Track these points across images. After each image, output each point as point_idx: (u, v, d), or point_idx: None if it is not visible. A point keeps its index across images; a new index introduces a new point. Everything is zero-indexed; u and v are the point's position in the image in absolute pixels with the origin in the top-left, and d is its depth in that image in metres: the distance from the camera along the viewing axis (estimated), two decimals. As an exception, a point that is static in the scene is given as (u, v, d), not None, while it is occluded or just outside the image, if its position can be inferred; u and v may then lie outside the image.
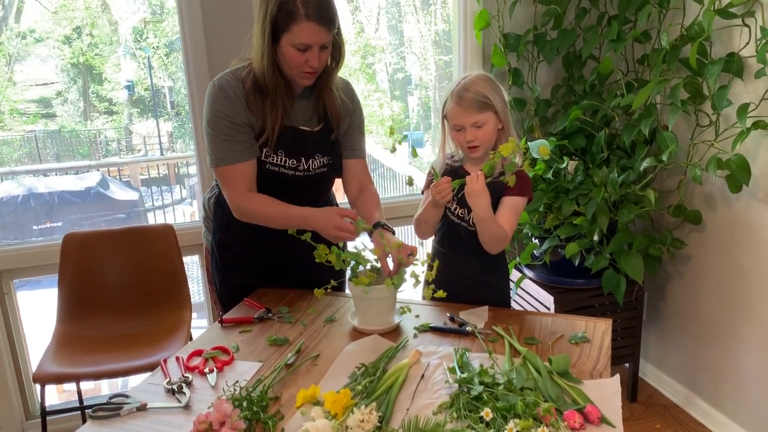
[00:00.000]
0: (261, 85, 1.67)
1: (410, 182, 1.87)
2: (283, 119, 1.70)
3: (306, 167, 1.76)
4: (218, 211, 1.88)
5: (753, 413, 2.31)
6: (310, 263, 1.66)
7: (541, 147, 1.56)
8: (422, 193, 1.87)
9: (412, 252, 1.61)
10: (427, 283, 1.76)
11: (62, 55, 12.42)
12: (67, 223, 7.38)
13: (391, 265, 1.61)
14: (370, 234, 1.70)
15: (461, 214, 1.76)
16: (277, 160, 1.73)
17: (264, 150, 1.71)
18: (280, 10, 1.56)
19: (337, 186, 2.00)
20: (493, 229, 1.67)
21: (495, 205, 1.71)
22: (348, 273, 1.65)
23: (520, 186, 1.69)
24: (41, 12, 12.11)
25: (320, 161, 1.79)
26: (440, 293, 1.55)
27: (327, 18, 1.59)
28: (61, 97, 13.30)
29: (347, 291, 1.71)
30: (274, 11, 1.56)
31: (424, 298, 1.68)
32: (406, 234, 6.69)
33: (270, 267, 1.90)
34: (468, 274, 1.80)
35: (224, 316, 1.71)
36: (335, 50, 1.71)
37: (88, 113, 13.08)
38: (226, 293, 1.94)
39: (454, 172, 1.77)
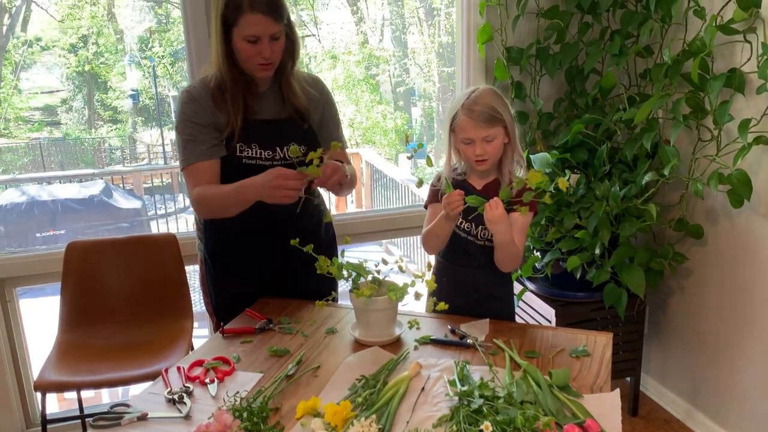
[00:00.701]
0: (222, 83, 1.74)
1: (419, 184, 1.88)
2: (246, 112, 1.76)
3: (283, 155, 1.79)
4: (209, 221, 1.90)
5: (755, 428, 2.30)
6: (303, 269, 1.69)
7: (560, 181, 1.55)
8: (425, 207, 1.86)
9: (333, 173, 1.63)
10: (431, 295, 1.75)
11: (68, 63, 12.48)
12: (70, 231, 7.40)
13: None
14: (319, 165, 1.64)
15: (467, 228, 1.76)
16: (252, 153, 1.78)
17: (238, 146, 1.76)
18: (227, 5, 1.65)
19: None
20: (512, 251, 1.69)
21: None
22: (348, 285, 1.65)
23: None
24: (48, 21, 12.20)
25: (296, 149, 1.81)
26: (442, 305, 1.56)
27: (273, 8, 1.66)
28: (66, 105, 13.36)
29: (348, 302, 1.72)
30: (222, 8, 1.65)
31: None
32: (410, 245, 6.70)
33: (263, 274, 1.91)
34: (475, 288, 1.80)
35: (225, 327, 1.72)
36: (289, 44, 1.76)
37: (92, 121, 13.14)
38: (221, 303, 1.95)
39: (459, 185, 1.77)
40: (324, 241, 1.99)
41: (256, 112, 1.79)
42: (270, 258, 1.89)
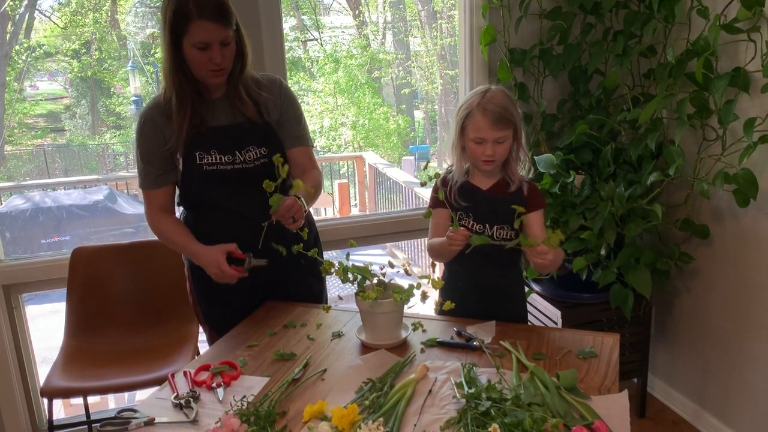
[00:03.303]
0: (176, 94, 1.76)
1: (425, 183, 1.87)
2: (197, 119, 1.77)
3: (243, 159, 1.80)
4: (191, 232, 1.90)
5: (763, 428, 2.29)
6: (288, 274, 1.75)
7: (553, 236, 1.55)
8: (431, 209, 1.84)
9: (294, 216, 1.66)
10: (444, 298, 1.75)
11: (70, 69, 12.52)
12: (75, 237, 7.42)
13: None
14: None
15: (480, 229, 1.75)
16: (212, 159, 1.79)
17: (197, 154, 1.78)
18: (175, 14, 1.65)
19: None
20: (558, 262, 1.66)
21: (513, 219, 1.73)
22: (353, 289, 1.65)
23: (537, 199, 1.76)
24: (51, 28, 12.24)
25: (256, 152, 1.82)
26: (448, 305, 1.55)
27: (221, 14, 1.67)
28: (70, 111, 13.41)
29: (354, 305, 1.72)
30: (171, 17, 1.66)
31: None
32: (414, 248, 6.69)
33: (248, 283, 1.89)
34: (492, 290, 1.80)
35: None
36: (239, 49, 1.76)
37: (96, 127, 13.18)
38: (212, 312, 1.94)
39: (463, 186, 1.77)
40: (307, 243, 1.97)
41: (210, 119, 1.79)
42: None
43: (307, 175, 1.86)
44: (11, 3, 10.21)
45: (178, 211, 1.95)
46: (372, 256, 6.33)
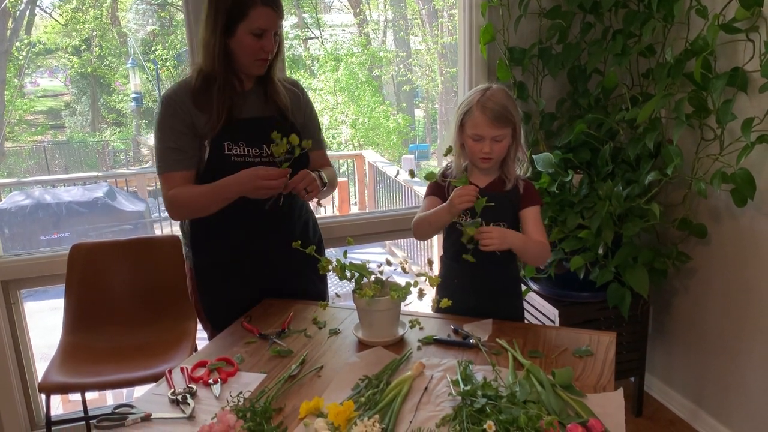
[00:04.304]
0: (209, 79, 1.76)
1: (411, 174, 1.95)
2: (232, 110, 1.77)
3: (270, 152, 1.80)
4: (195, 228, 1.90)
5: (760, 428, 2.29)
6: (292, 271, 1.74)
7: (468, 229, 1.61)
8: (426, 197, 1.85)
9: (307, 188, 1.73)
10: (440, 296, 1.75)
11: (71, 65, 12.51)
12: (74, 234, 7.42)
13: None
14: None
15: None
16: (240, 151, 1.79)
17: (225, 144, 1.77)
18: (235, 1, 1.68)
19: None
20: (534, 249, 1.72)
21: (513, 218, 1.76)
22: (350, 287, 1.65)
23: (532, 195, 1.77)
24: (52, 24, 12.23)
25: (284, 146, 1.81)
26: (445, 302, 1.56)
27: (279, 4, 1.73)
28: (70, 108, 13.40)
29: (351, 303, 1.72)
30: (228, 3, 1.69)
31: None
32: (413, 246, 6.69)
33: (252, 278, 1.91)
34: (488, 286, 1.81)
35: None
36: (279, 40, 1.80)
37: (96, 124, 13.18)
38: (214, 309, 1.94)
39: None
40: (312, 243, 1.99)
41: (240, 111, 1.80)
42: (259, 261, 1.89)
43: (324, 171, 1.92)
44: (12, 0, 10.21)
45: None
46: (371, 255, 6.33)
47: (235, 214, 1.79)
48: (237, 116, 1.79)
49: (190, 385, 1.42)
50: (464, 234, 1.64)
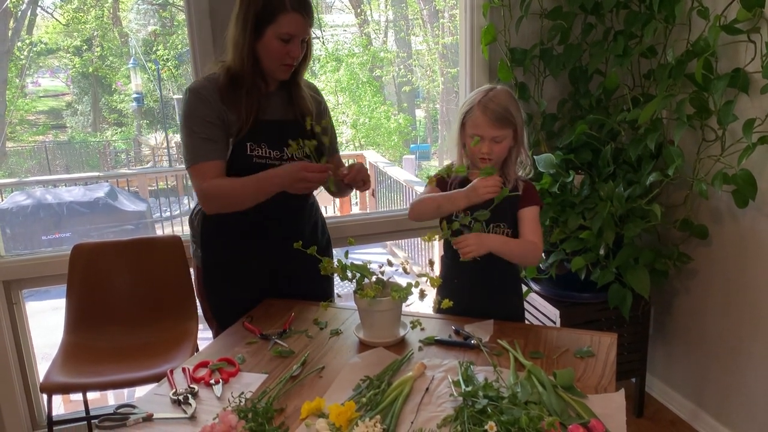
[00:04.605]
0: (237, 78, 1.75)
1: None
2: (258, 110, 1.77)
3: (290, 156, 1.81)
4: (206, 226, 1.90)
5: (762, 429, 2.29)
6: (301, 272, 1.72)
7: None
8: (429, 182, 1.83)
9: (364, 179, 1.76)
10: (440, 296, 1.75)
11: (72, 65, 12.51)
12: (75, 234, 7.43)
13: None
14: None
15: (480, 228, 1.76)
16: (262, 152, 1.79)
17: (248, 144, 1.76)
18: (266, 4, 1.67)
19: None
20: (517, 249, 1.71)
21: (513, 218, 1.76)
22: (351, 287, 1.66)
23: (531, 196, 1.77)
24: (53, 24, 12.24)
25: (302, 151, 1.82)
26: (446, 302, 1.56)
27: (308, 11, 1.73)
28: (71, 108, 13.41)
29: (352, 303, 1.72)
30: (259, 5, 1.68)
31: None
32: (414, 247, 6.70)
33: (262, 278, 1.91)
34: (488, 286, 1.81)
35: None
36: (307, 47, 1.81)
37: (97, 124, 13.19)
38: (222, 308, 1.94)
39: (462, 183, 1.77)
40: (321, 244, 2.00)
41: (264, 112, 1.80)
42: (268, 261, 1.89)
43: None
44: (14, 0, 10.22)
45: (199, 207, 1.93)
46: (372, 255, 6.33)
47: (247, 214, 1.79)
48: (260, 117, 1.79)
49: (191, 386, 1.42)
50: (457, 220, 1.64)
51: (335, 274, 1.67)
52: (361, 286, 1.61)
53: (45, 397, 2.08)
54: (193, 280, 2.20)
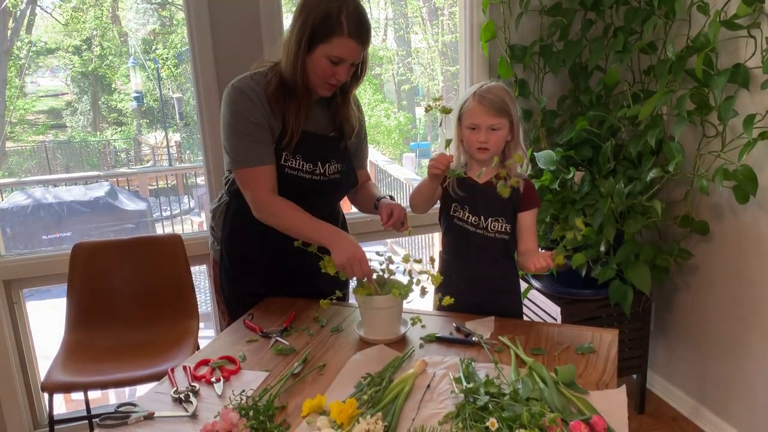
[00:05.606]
0: (288, 87, 1.70)
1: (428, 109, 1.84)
2: (304, 123, 1.74)
3: (322, 171, 1.79)
4: (227, 220, 1.89)
5: (762, 424, 2.29)
6: (319, 270, 1.67)
7: (558, 257, 1.61)
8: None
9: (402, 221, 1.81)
10: (438, 293, 1.76)
11: (72, 65, 12.50)
12: (76, 233, 7.43)
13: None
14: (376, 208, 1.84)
15: (476, 222, 1.76)
16: (295, 164, 1.75)
17: (284, 154, 1.73)
18: (323, 20, 1.60)
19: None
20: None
21: (512, 215, 1.77)
22: (353, 283, 1.66)
23: (532, 197, 1.78)
24: (52, 24, 12.23)
25: (335, 167, 1.82)
26: (447, 300, 1.56)
27: (365, 38, 1.66)
28: (71, 107, 13.40)
29: (353, 300, 1.72)
30: (317, 20, 1.60)
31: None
32: (415, 245, 6.70)
33: (280, 273, 1.91)
34: (486, 282, 1.81)
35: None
36: (360, 66, 1.76)
37: (97, 124, 13.18)
38: (235, 301, 1.94)
39: (460, 180, 1.78)
40: None
41: (306, 124, 1.76)
42: (288, 258, 1.88)
43: (366, 185, 2.00)
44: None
45: (222, 201, 1.92)
46: (372, 255, 6.33)
47: None
48: (301, 128, 1.75)
49: (192, 384, 1.42)
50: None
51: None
52: (362, 283, 1.61)
53: (46, 396, 2.09)
54: (194, 276, 2.20)
